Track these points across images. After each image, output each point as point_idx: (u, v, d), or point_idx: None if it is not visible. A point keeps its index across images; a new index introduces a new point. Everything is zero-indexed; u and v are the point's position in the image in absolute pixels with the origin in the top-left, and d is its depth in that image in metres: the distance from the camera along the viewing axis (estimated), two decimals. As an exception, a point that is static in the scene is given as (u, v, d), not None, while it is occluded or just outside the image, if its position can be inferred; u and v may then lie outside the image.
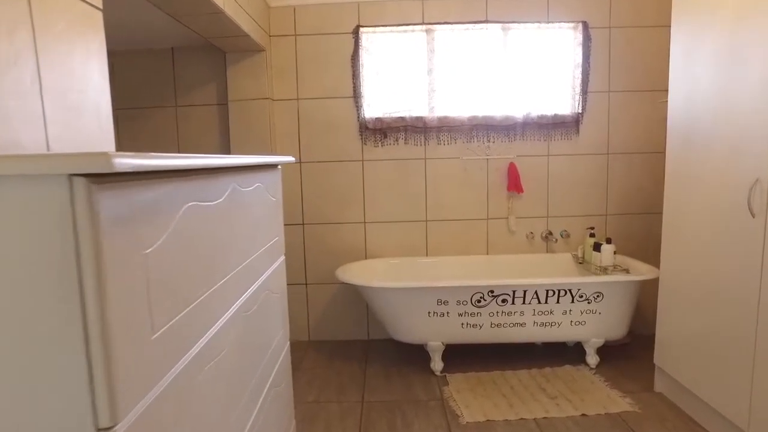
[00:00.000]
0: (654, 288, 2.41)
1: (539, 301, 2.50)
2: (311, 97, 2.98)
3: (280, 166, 1.54)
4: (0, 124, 0.85)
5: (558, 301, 2.50)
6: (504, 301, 2.49)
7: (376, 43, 2.98)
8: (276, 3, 2.91)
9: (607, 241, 2.74)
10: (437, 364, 2.59)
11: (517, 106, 2.98)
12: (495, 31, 2.95)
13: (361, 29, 2.92)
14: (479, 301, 2.49)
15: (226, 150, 2.98)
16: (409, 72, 2.99)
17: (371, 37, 2.97)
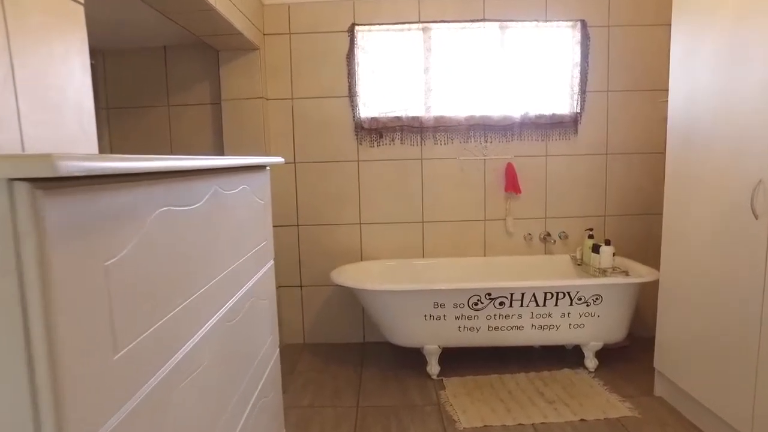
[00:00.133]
0: (654, 290, 2.37)
1: (537, 304, 2.46)
2: (306, 97, 2.94)
3: (268, 168, 1.49)
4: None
5: (556, 304, 2.46)
6: (501, 303, 2.45)
7: (372, 42, 2.93)
8: (270, 1, 2.86)
9: (606, 242, 2.69)
10: (434, 368, 2.55)
11: (514, 106, 2.93)
12: (492, 30, 2.90)
13: (356, 27, 2.88)
14: (476, 303, 2.45)
15: (219, 150, 2.93)
16: (406, 71, 2.94)
17: (367, 36, 2.92)
